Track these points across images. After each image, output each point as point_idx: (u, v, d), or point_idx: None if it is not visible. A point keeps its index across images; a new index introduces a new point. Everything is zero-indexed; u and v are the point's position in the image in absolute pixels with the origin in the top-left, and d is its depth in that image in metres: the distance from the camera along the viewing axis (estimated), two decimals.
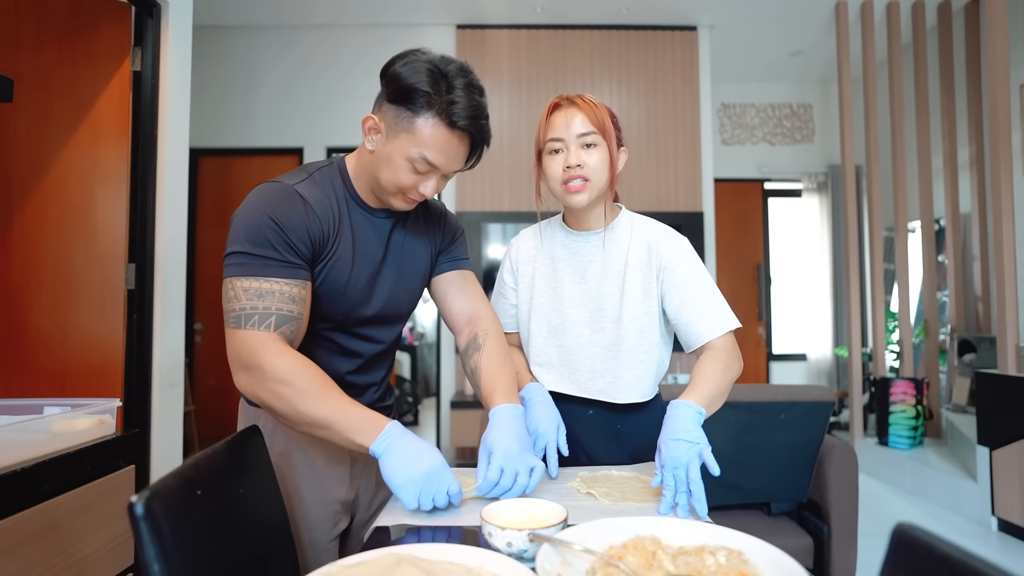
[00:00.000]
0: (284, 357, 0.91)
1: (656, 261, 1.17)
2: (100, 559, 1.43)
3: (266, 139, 4.44)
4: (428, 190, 0.99)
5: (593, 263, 1.21)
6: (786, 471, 2.00)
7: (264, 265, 0.93)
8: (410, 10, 4.28)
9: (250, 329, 0.91)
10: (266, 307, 0.92)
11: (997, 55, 3.22)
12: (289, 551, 0.98)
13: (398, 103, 0.94)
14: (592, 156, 1.12)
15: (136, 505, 0.63)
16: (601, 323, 1.19)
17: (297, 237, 0.94)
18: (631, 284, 1.17)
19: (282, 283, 0.93)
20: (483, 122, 0.97)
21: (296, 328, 0.95)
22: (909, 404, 3.74)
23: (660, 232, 1.21)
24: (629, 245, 1.20)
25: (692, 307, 1.14)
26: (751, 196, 5.71)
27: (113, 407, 1.56)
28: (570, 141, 1.13)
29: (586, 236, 1.23)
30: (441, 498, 0.90)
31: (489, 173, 4.38)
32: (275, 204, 0.94)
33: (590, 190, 1.13)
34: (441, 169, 0.97)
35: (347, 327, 1.07)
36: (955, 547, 0.45)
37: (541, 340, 1.23)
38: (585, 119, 1.12)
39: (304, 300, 0.96)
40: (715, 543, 0.69)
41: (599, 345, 1.19)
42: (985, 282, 4.11)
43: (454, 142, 0.95)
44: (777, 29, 4.60)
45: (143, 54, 2.13)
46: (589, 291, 1.20)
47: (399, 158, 0.95)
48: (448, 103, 0.92)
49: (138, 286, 2.09)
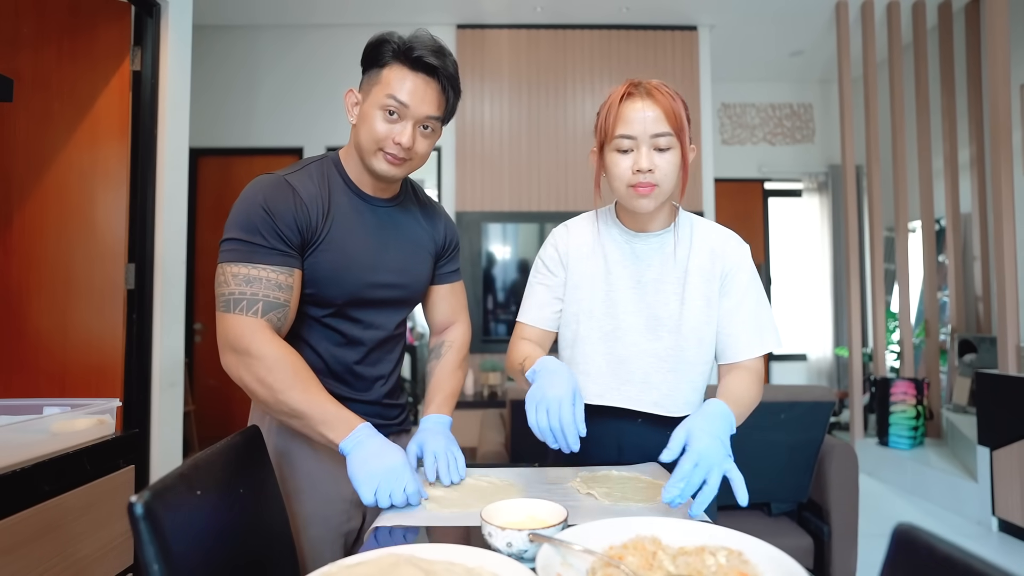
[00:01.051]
0: (272, 346, 0.95)
1: (720, 267, 1.10)
2: (100, 559, 1.43)
3: (266, 139, 4.44)
4: (404, 138, 1.01)
5: (651, 268, 1.12)
6: (786, 471, 2.00)
7: (252, 252, 0.97)
8: (410, 10, 4.28)
9: (239, 314, 0.96)
10: (254, 293, 0.96)
11: (998, 55, 3.21)
12: (289, 551, 0.98)
13: (368, 66, 1.04)
14: (664, 159, 1.01)
15: (136, 505, 0.63)
16: (658, 332, 1.11)
17: (285, 225, 0.99)
18: (692, 292, 1.10)
19: (269, 270, 0.97)
20: (444, 59, 1.02)
21: (283, 315, 0.99)
22: (909, 404, 3.74)
23: (724, 237, 1.13)
24: (690, 250, 1.11)
25: (739, 320, 1.09)
26: (751, 196, 5.71)
27: (113, 407, 1.56)
28: (642, 140, 1.01)
29: (644, 238, 1.13)
30: (398, 496, 0.91)
31: (489, 173, 4.38)
32: (267, 194, 1.00)
33: (658, 196, 1.03)
34: (411, 110, 1.00)
35: (348, 312, 1.09)
36: (955, 547, 0.45)
37: (590, 347, 1.13)
38: (662, 117, 1.00)
39: (291, 288, 0.99)
40: (715, 543, 0.69)
41: (654, 355, 1.11)
42: (986, 282, 4.10)
43: (419, 82, 1.01)
44: (777, 29, 4.60)
45: (143, 54, 2.13)
46: (645, 297, 1.12)
47: (372, 110, 1.02)
48: (407, 47, 1.00)
49: (138, 286, 2.09)
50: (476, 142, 4.41)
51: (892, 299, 4.95)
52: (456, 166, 4.40)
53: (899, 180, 4.12)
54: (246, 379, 0.96)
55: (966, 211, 4.29)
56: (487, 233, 4.38)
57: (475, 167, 4.39)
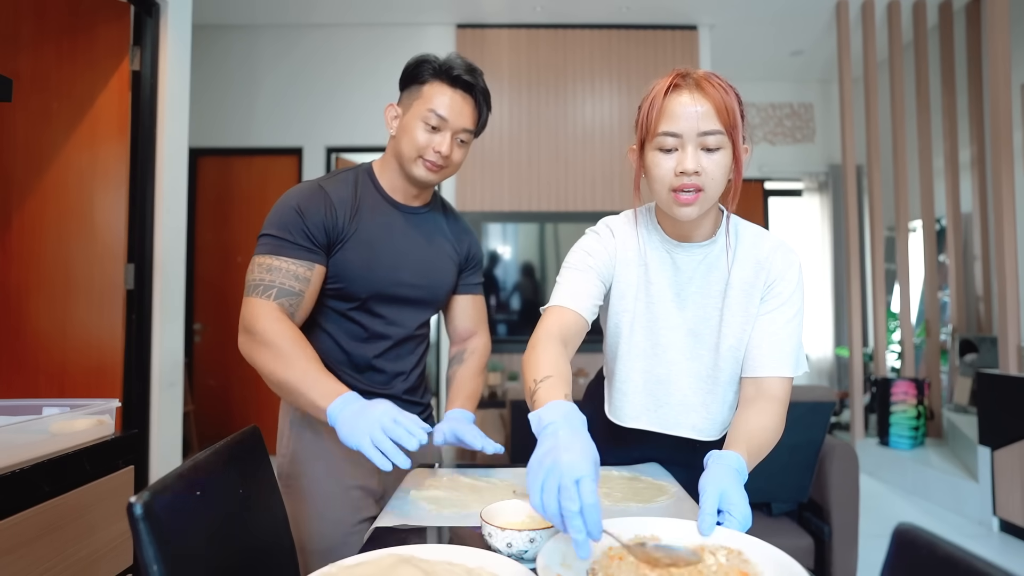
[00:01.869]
0: (275, 324, 1.03)
1: (764, 278, 0.99)
2: (100, 559, 1.43)
3: (266, 139, 4.43)
4: (444, 147, 1.11)
5: (692, 280, 1.01)
6: (787, 471, 2.00)
7: (280, 246, 1.07)
8: (410, 10, 4.27)
9: (255, 297, 1.06)
10: (271, 280, 1.06)
11: (998, 55, 3.21)
12: (289, 551, 0.98)
13: (409, 84, 1.15)
14: (713, 160, 0.89)
15: (136, 505, 0.63)
16: (697, 350, 1.02)
17: (313, 225, 1.09)
18: (732, 305, 0.99)
19: (289, 262, 1.07)
20: (479, 78, 1.14)
21: (295, 303, 1.08)
22: (910, 404, 3.73)
23: (771, 245, 1.00)
24: (734, 260, 1.00)
25: (768, 331, 0.97)
26: (751, 196, 5.71)
27: (112, 407, 1.56)
28: (689, 139, 0.89)
29: (685, 248, 1.01)
30: (399, 432, 0.93)
31: (489, 173, 4.38)
32: (301, 197, 1.11)
33: (703, 202, 0.91)
34: (449, 122, 1.11)
35: (371, 307, 1.16)
36: (956, 547, 0.45)
37: (627, 364, 1.05)
38: (712, 112, 0.88)
39: (308, 280, 1.08)
40: (715, 543, 0.69)
41: (694, 375, 1.03)
42: (986, 282, 4.10)
43: (457, 98, 1.12)
44: (777, 29, 4.60)
45: (142, 54, 2.13)
46: (685, 311, 1.02)
47: (414, 121, 1.12)
48: (447, 66, 1.12)
49: (137, 286, 2.09)
50: (476, 142, 4.38)
51: (892, 299, 4.95)
52: None
53: (899, 180, 4.11)
54: (253, 356, 1.04)
55: (967, 211, 4.28)
56: (487, 233, 4.38)
57: (475, 167, 4.39)
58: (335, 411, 0.98)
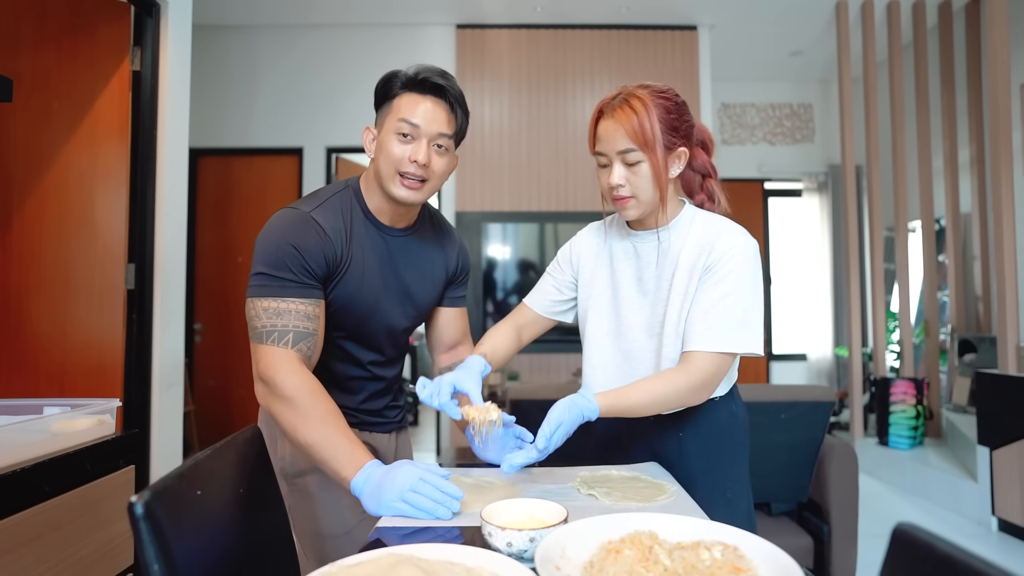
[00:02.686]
0: (295, 377, 0.99)
1: (703, 260, 1.06)
2: (100, 559, 1.43)
3: (266, 139, 4.44)
4: (420, 155, 1.06)
5: (650, 265, 1.13)
6: (786, 471, 2.00)
7: (282, 287, 1.02)
8: (410, 10, 4.28)
9: (270, 345, 1.01)
10: (284, 325, 1.01)
11: (998, 55, 3.22)
12: (289, 551, 0.98)
13: (381, 102, 1.11)
14: (636, 173, 1.04)
15: (136, 505, 0.63)
16: (655, 329, 1.11)
17: (313, 260, 1.04)
18: (677, 287, 1.08)
19: (298, 303, 1.03)
20: (451, 81, 1.09)
21: (312, 344, 1.04)
22: (909, 404, 3.74)
23: (717, 230, 1.08)
24: (683, 245, 1.10)
25: (700, 310, 1.04)
26: (751, 196, 5.71)
27: (113, 407, 1.56)
28: (613, 157, 1.05)
29: (643, 236, 1.14)
30: (431, 491, 0.89)
31: (489, 173, 4.38)
32: (295, 231, 1.04)
33: (636, 206, 1.07)
34: (423, 129, 1.06)
35: (357, 336, 1.16)
36: (955, 547, 0.45)
37: (596, 342, 1.18)
38: (624, 134, 1.02)
39: (318, 317, 1.05)
40: (711, 539, 0.69)
41: (653, 351, 1.12)
42: (985, 282, 4.11)
43: (428, 104, 1.07)
44: (777, 29, 4.60)
45: (142, 54, 2.13)
46: (646, 294, 1.13)
47: (387, 136, 1.08)
48: (413, 75, 1.07)
49: (138, 286, 2.09)
50: (476, 142, 4.41)
51: (892, 299, 4.95)
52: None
53: (899, 180, 4.12)
54: (272, 409, 1.01)
55: (966, 211, 4.29)
56: (487, 233, 4.38)
57: (475, 167, 4.39)
58: (359, 485, 0.93)
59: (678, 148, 1.07)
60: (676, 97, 1.07)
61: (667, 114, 1.04)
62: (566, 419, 0.95)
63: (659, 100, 1.04)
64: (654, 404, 1.02)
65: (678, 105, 1.06)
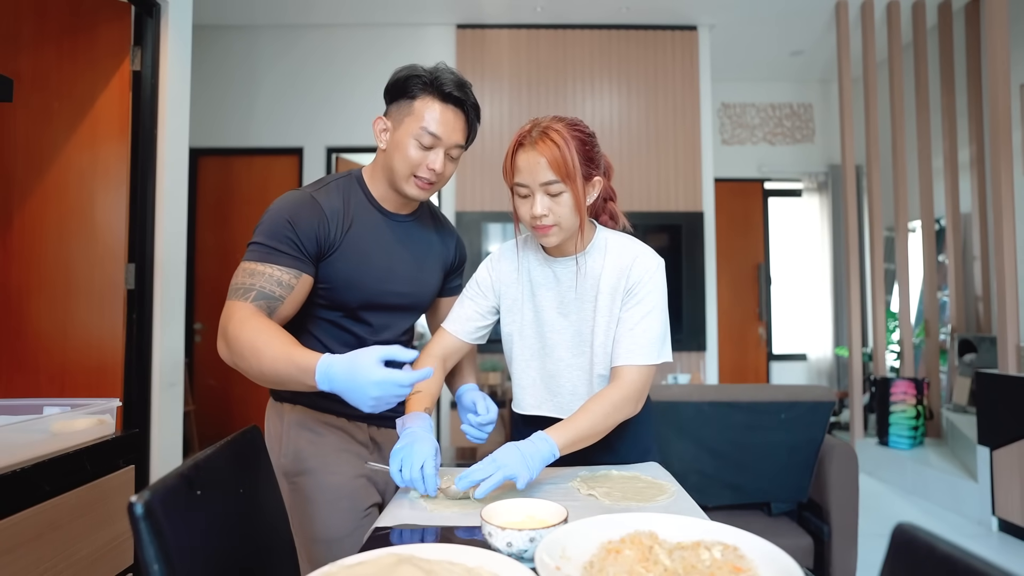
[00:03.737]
0: (246, 320, 1.00)
1: (624, 283, 1.14)
2: (100, 559, 1.43)
3: (266, 139, 4.44)
4: (437, 164, 1.11)
5: (570, 289, 1.19)
6: (786, 471, 2.00)
7: (267, 253, 1.06)
8: (410, 10, 4.28)
9: (234, 299, 1.04)
10: (252, 283, 1.04)
11: (997, 55, 3.22)
12: (289, 550, 0.98)
13: (398, 98, 1.13)
14: (559, 203, 1.08)
15: (136, 505, 0.63)
16: (581, 347, 1.18)
17: (304, 235, 1.08)
18: (601, 308, 1.15)
19: (274, 268, 1.05)
20: (468, 92, 1.14)
21: (274, 307, 1.05)
22: (909, 404, 3.74)
23: (633, 254, 1.16)
24: (603, 269, 1.17)
25: (625, 328, 1.12)
26: (751, 196, 5.71)
27: (113, 407, 1.56)
28: (535, 188, 1.07)
29: (561, 262, 1.19)
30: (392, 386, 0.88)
31: (489, 173, 4.38)
32: (294, 207, 1.09)
33: (559, 233, 1.10)
34: (443, 140, 1.11)
35: (361, 315, 1.18)
36: (955, 547, 0.45)
37: (523, 363, 1.23)
38: (547, 166, 1.05)
39: (291, 287, 1.06)
40: (711, 539, 0.69)
41: (580, 369, 1.18)
42: (985, 282, 4.11)
43: (448, 114, 1.11)
44: (777, 29, 4.60)
45: (143, 54, 2.13)
46: (569, 316, 1.19)
47: (406, 139, 1.11)
48: (436, 80, 1.11)
49: (138, 286, 2.09)
50: (476, 142, 4.39)
51: (892, 299, 4.95)
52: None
53: (899, 180, 4.12)
54: (231, 359, 1.01)
55: (966, 211, 4.29)
56: (487, 233, 4.37)
57: (475, 167, 4.39)
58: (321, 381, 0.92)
59: (594, 177, 1.13)
60: (587, 128, 1.13)
61: (583, 146, 1.09)
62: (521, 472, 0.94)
63: (575, 133, 1.09)
64: (599, 424, 1.06)
65: (590, 136, 1.12)
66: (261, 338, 0.97)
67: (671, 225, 4.38)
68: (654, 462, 1.22)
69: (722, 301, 5.21)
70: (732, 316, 5.53)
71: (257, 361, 0.96)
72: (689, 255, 4.37)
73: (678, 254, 4.35)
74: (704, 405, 1.97)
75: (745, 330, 5.62)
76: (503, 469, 0.93)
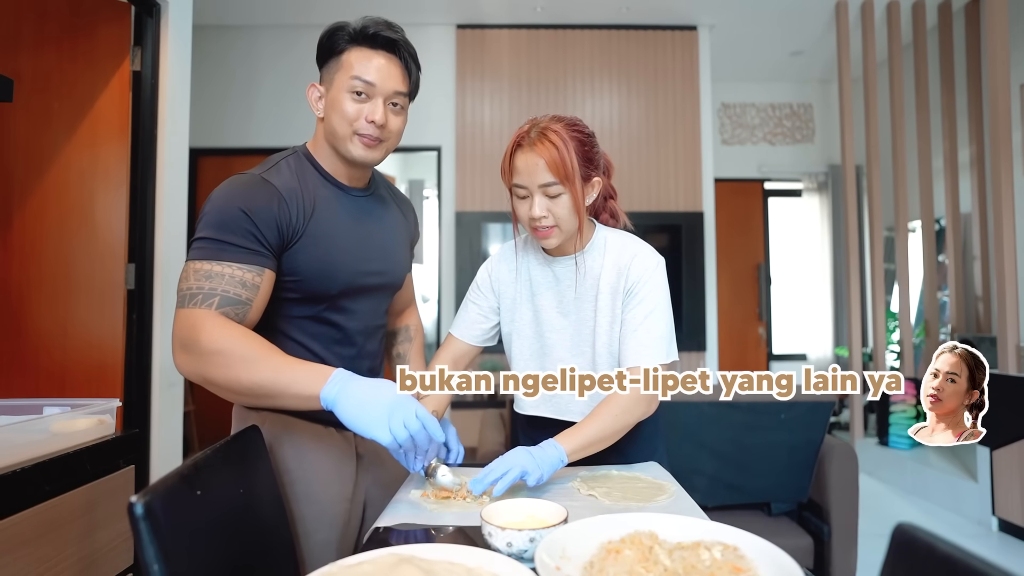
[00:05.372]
0: (221, 330, 0.88)
1: (624, 283, 1.14)
2: (100, 559, 1.43)
3: (266, 139, 4.43)
4: (377, 115, 1.03)
5: (570, 288, 1.19)
6: (786, 471, 2.00)
7: (221, 249, 0.93)
8: (410, 10, 4.28)
9: (191, 308, 0.90)
10: (212, 288, 0.91)
11: (997, 55, 3.21)
12: (289, 551, 0.98)
13: (327, 58, 1.07)
14: (558, 205, 1.07)
15: (136, 505, 0.63)
16: (580, 347, 1.18)
17: (265, 226, 0.96)
18: (602, 308, 1.15)
19: (234, 267, 0.93)
20: (400, 33, 1.05)
21: (242, 313, 0.93)
22: (909, 404, 3.74)
23: (632, 253, 1.16)
24: (602, 268, 1.17)
25: (629, 329, 1.12)
26: (751, 196, 5.70)
27: (113, 407, 1.56)
28: (534, 190, 1.07)
29: (562, 262, 1.20)
30: (412, 422, 0.84)
31: (489, 173, 4.38)
32: (247, 194, 0.96)
33: (559, 234, 1.10)
34: (377, 86, 1.02)
35: (341, 304, 1.08)
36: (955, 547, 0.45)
37: (523, 363, 1.23)
38: (546, 167, 1.04)
39: (256, 287, 0.95)
40: (711, 539, 0.69)
41: (579, 368, 1.18)
42: (986, 282, 4.10)
43: (381, 60, 1.03)
44: (777, 29, 4.60)
45: (143, 54, 2.13)
46: (568, 316, 1.19)
47: (340, 94, 1.03)
48: (361, 28, 1.03)
49: (138, 286, 2.09)
50: (476, 142, 4.41)
51: (892, 299, 4.95)
52: (456, 166, 4.40)
53: (899, 180, 4.11)
54: (200, 372, 0.89)
55: (966, 211, 4.28)
56: (487, 233, 4.37)
57: (475, 167, 4.39)
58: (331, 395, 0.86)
59: (593, 178, 1.12)
60: (586, 128, 1.12)
61: (582, 147, 1.08)
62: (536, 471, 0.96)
63: (574, 133, 1.08)
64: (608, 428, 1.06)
65: (589, 136, 1.11)
66: (251, 347, 0.88)
67: (671, 225, 4.38)
68: (654, 462, 1.22)
69: (722, 301, 5.20)
70: (732, 316, 5.53)
71: (248, 372, 0.87)
72: (689, 255, 4.37)
73: (678, 254, 4.35)
74: (704, 405, 1.97)
75: (745, 330, 5.62)
76: (516, 467, 0.94)
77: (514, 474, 0.93)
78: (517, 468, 0.93)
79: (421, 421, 0.85)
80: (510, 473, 0.92)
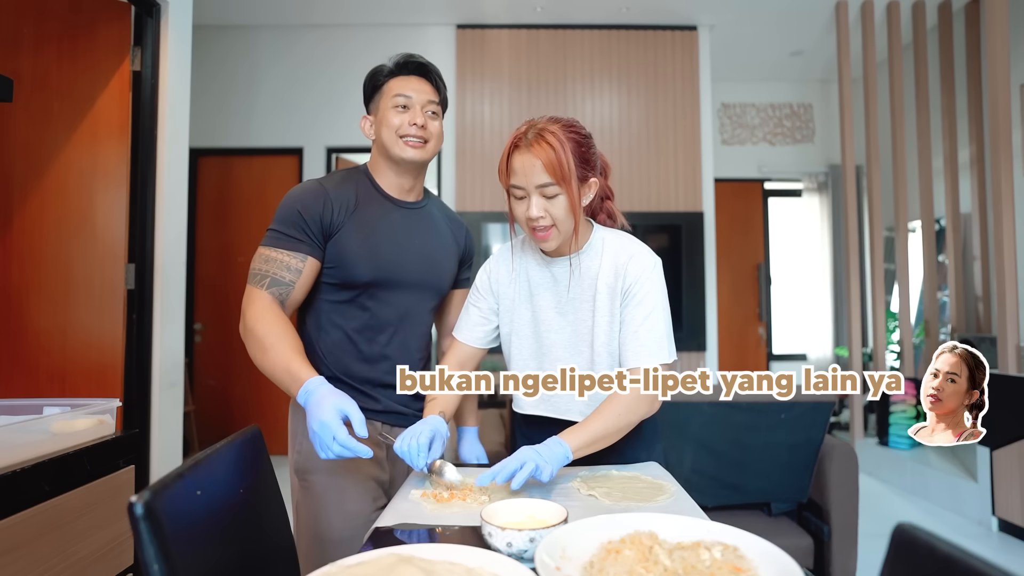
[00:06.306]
0: (260, 311, 1.12)
1: (621, 283, 1.15)
2: (100, 559, 1.43)
3: (266, 139, 4.44)
4: (418, 118, 1.23)
5: (568, 288, 1.20)
6: (786, 471, 2.00)
7: (278, 239, 1.17)
8: (410, 10, 4.28)
9: (251, 286, 1.16)
10: (267, 270, 1.16)
11: (997, 55, 3.21)
12: (289, 551, 0.98)
13: (372, 93, 1.30)
14: (555, 205, 1.08)
15: (136, 505, 0.63)
16: (579, 347, 1.19)
17: (311, 219, 1.18)
18: (601, 308, 1.16)
19: (284, 254, 1.17)
20: (424, 60, 1.28)
21: (285, 292, 1.16)
22: (909, 404, 3.74)
23: (628, 253, 1.17)
24: (599, 268, 1.17)
25: (629, 330, 1.13)
26: (751, 196, 5.70)
27: (113, 407, 1.56)
28: (530, 190, 1.08)
29: (559, 262, 1.20)
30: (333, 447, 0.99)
31: (489, 173, 4.38)
32: (302, 194, 1.21)
33: (556, 236, 1.11)
34: (415, 99, 1.24)
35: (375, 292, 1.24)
36: (955, 547, 0.45)
37: (521, 363, 1.24)
38: (542, 168, 1.05)
39: (299, 271, 1.17)
40: (711, 539, 0.69)
41: (577, 368, 1.19)
42: (985, 282, 4.10)
43: (414, 81, 1.26)
44: (777, 29, 4.60)
45: (143, 54, 2.13)
46: (566, 316, 1.20)
47: (386, 112, 1.25)
48: (395, 63, 1.27)
49: (138, 286, 2.09)
50: (476, 142, 4.41)
51: (892, 299, 4.95)
52: (456, 166, 4.40)
53: (899, 180, 4.11)
54: (245, 342, 1.13)
55: (966, 211, 4.28)
56: (487, 233, 4.38)
57: (475, 167, 4.39)
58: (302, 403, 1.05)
59: (590, 179, 1.13)
60: (583, 129, 1.13)
61: (579, 147, 1.09)
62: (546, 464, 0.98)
63: (570, 134, 1.09)
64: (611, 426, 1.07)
65: (586, 137, 1.12)
66: (271, 337, 1.10)
67: (671, 225, 4.38)
68: (654, 462, 1.22)
69: (722, 301, 5.20)
70: (732, 316, 5.53)
71: (262, 356, 1.10)
72: (689, 255, 4.37)
73: (678, 254, 4.35)
74: (704, 405, 1.97)
75: (745, 330, 5.62)
76: (530, 462, 0.95)
77: (529, 468, 0.94)
78: (531, 463, 0.95)
79: (341, 444, 0.99)
80: (526, 467, 0.94)
